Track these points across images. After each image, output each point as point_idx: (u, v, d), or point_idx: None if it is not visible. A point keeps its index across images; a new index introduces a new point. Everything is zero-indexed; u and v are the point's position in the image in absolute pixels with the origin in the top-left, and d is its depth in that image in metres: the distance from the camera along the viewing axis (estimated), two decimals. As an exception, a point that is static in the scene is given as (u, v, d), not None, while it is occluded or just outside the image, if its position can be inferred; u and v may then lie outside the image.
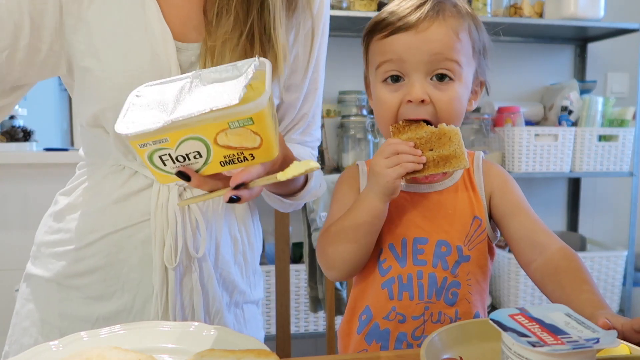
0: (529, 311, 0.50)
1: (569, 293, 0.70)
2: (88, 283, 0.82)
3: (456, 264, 0.77)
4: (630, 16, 2.39)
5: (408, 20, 0.74)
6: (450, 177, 0.81)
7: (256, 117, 0.56)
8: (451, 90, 0.75)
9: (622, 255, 2.19)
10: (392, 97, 0.76)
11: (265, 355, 0.55)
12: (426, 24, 0.74)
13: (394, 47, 0.75)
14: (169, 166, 0.60)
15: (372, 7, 2.01)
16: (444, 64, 0.75)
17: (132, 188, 0.81)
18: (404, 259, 0.78)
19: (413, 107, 0.75)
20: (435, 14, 0.75)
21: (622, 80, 2.51)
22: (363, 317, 0.81)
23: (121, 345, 0.59)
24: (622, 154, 2.19)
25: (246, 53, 0.77)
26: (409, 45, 0.74)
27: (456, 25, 0.75)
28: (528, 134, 2.08)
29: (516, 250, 0.79)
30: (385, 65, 0.77)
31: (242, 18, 0.77)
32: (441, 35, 0.74)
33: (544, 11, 2.18)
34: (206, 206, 0.83)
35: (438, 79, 0.75)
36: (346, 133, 2.07)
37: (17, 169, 1.97)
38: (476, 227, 0.79)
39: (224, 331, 0.63)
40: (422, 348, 0.56)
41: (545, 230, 0.78)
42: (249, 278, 0.91)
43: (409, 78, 0.75)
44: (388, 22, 0.76)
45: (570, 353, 0.43)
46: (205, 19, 0.79)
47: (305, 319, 2.02)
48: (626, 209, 2.32)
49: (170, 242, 0.79)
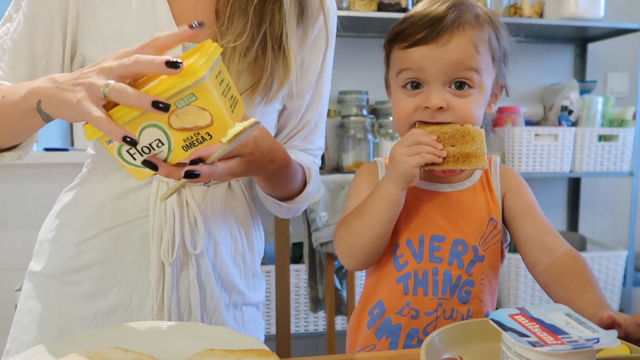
0: (529, 311, 0.50)
1: (572, 293, 0.71)
2: (86, 278, 0.82)
3: (471, 263, 0.79)
4: (630, 16, 2.39)
5: (428, 33, 0.76)
6: (469, 179, 0.83)
7: (198, 91, 0.56)
8: (470, 98, 0.77)
9: (622, 255, 2.19)
10: (409, 103, 0.78)
11: (265, 355, 0.55)
12: (446, 37, 0.75)
13: (413, 58, 0.77)
14: (138, 160, 0.61)
15: (372, 7, 2.01)
16: (463, 73, 0.76)
17: (131, 184, 0.82)
18: (421, 255, 0.79)
19: (430, 114, 0.77)
20: (455, 27, 0.76)
21: (622, 80, 2.51)
22: (375, 312, 0.82)
23: (121, 345, 0.59)
24: (622, 154, 2.19)
25: (257, 59, 0.78)
26: (428, 57, 0.76)
27: (476, 37, 0.76)
28: (528, 134, 2.08)
29: (524, 252, 0.80)
30: (405, 73, 0.78)
31: (255, 23, 0.78)
32: (460, 48, 0.75)
33: (544, 11, 2.17)
34: (205, 204, 0.83)
35: (457, 87, 0.76)
36: (346, 133, 2.07)
37: (17, 169, 1.97)
38: (492, 229, 0.81)
39: (224, 331, 0.63)
40: (422, 348, 0.56)
41: (554, 233, 0.79)
42: (247, 280, 0.91)
43: (428, 86, 0.77)
44: (408, 33, 0.77)
45: (570, 353, 0.43)
46: (217, 20, 0.79)
47: (305, 319, 2.02)
48: (626, 209, 2.32)
49: (167, 238, 0.80)
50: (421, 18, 0.77)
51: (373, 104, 2.18)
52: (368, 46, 2.24)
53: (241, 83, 0.79)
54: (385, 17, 1.96)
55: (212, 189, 0.85)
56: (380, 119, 2.12)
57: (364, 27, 2.15)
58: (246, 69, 0.78)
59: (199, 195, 0.83)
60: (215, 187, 0.85)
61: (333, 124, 2.20)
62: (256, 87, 0.79)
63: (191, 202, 0.82)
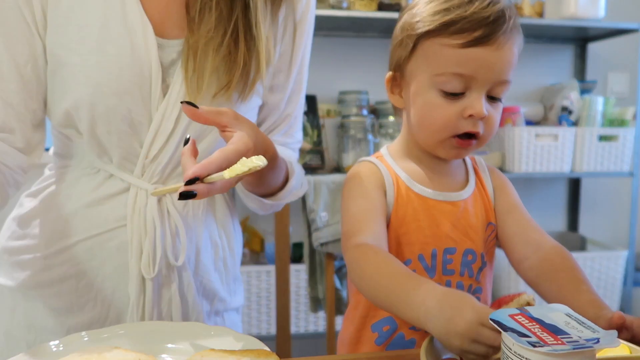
0: (529, 311, 0.50)
1: (566, 294, 0.70)
2: (57, 293, 0.78)
3: (479, 270, 0.78)
4: (630, 16, 2.39)
5: (489, 32, 0.68)
6: (469, 183, 0.81)
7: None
8: (499, 108, 0.74)
9: (622, 255, 2.19)
10: (450, 109, 0.72)
11: (265, 355, 0.55)
12: (504, 38, 0.69)
13: (469, 62, 0.69)
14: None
15: (372, 7, 2.01)
16: (503, 85, 0.72)
17: (107, 192, 0.77)
18: (434, 270, 0.77)
19: (472, 122, 0.72)
20: (509, 30, 0.70)
21: (622, 80, 2.51)
22: (384, 329, 0.79)
23: (121, 346, 0.59)
24: (622, 154, 2.19)
25: (230, 52, 0.74)
26: (486, 61, 0.69)
27: (518, 42, 0.73)
28: (528, 134, 2.08)
29: (509, 248, 0.80)
30: (453, 78, 0.70)
31: (225, 15, 0.74)
32: (510, 54, 0.70)
33: (544, 11, 2.17)
34: (186, 210, 0.80)
35: (491, 97, 0.73)
36: (346, 133, 2.07)
37: (17, 169, 1.97)
38: (490, 232, 0.80)
39: (223, 331, 0.63)
40: (422, 348, 0.56)
41: (538, 229, 0.79)
42: (229, 285, 0.88)
43: (470, 92, 0.71)
44: (463, 28, 0.69)
45: (570, 353, 0.43)
46: (188, 15, 0.75)
47: (305, 319, 2.02)
48: (626, 209, 2.32)
49: (148, 250, 0.75)
50: (476, 12, 0.68)
51: (373, 104, 2.18)
52: (368, 46, 2.24)
53: (217, 81, 0.75)
54: (385, 17, 1.96)
55: None
56: (380, 119, 2.12)
57: (364, 27, 2.15)
58: (220, 65, 0.75)
59: (181, 202, 0.79)
60: None
61: (333, 124, 2.20)
62: (231, 84, 0.75)
63: (172, 210, 0.78)
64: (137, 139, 0.76)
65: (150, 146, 0.75)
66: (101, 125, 0.73)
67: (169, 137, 0.75)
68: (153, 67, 0.73)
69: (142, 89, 0.73)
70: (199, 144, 0.76)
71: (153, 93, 0.74)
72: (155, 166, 0.77)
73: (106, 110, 0.72)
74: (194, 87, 0.74)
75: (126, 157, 0.76)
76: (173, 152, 0.76)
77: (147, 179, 0.77)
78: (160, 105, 0.74)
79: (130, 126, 0.74)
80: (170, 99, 0.74)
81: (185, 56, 0.74)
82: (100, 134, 0.74)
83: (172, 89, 0.74)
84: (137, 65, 0.72)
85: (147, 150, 0.76)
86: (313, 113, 2.13)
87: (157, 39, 0.73)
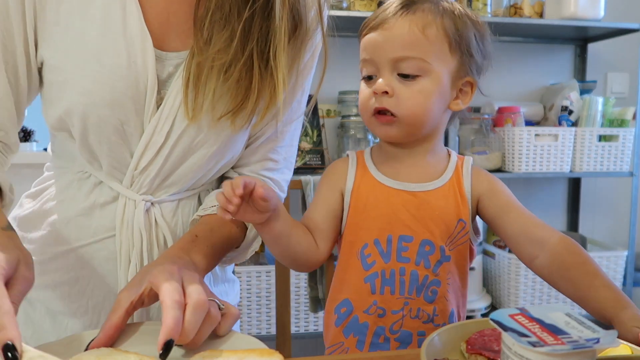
0: (529, 311, 0.50)
1: (582, 294, 0.70)
2: (51, 297, 0.79)
3: (438, 263, 0.78)
4: (630, 16, 2.39)
5: (382, 17, 0.78)
6: (439, 178, 0.81)
7: None
8: (416, 85, 0.76)
9: (622, 255, 2.19)
10: (366, 91, 0.79)
11: (269, 354, 0.55)
12: (392, 21, 0.77)
13: (367, 47, 0.79)
14: None
15: (372, 7, 2.01)
16: (408, 61, 0.76)
17: (96, 200, 0.77)
18: (388, 255, 0.78)
19: (378, 99, 0.77)
20: (403, 12, 0.77)
21: (622, 80, 2.51)
22: (342, 310, 0.81)
23: (122, 346, 0.59)
24: (622, 154, 2.19)
25: (240, 80, 0.71)
26: (378, 43, 0.77)
27: (424, 21, 0.76)
28: (528, 134, 2.08)
29: (515, 248, 0.79)
30: (363, 65, 0.81)
31: (240, 38, 0.69)
32: (404, 31, 0.76)
33: (544, 11, 2.17)
34: (175, 221, 0.80)
35: (404, 76, 0.77)
36: (346, 133, 2.07)
37: (18, 169, 1.96)
38: (460, 229, 0.79)
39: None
40: (422, 348, 0.56)
41: (540, 224, 0.78)
42: (219, 287, 0.88)
43: (378, 74, 0.78)
44: (370, 22, 0.80)
45: (571, 353, 0.43)
46: (195, 27, 0.71)
47: (305, 319, 2.02)
48: (626, 209, 2.32)
49: (135, 262, 0.75)
50: (386, 9, 0.80)
51: (373, 104, 2.18)
52: (368, 46, 2.24)
53: (220, 106, 0.72)
54: (385, 17, 1.96)
55: (183, 204, 0.81)
56: (380, 119, 2.12)
57: (364, 27, 2.15)
58: (227, 90, 0.71)
59: (169, 212, 0.79)
60: (186, 200, 0.81)
61: (333, 124, 2.20)
62: (237, 112, 0.72)
63: (161, 221, 0.78)
64: (127, 149, 0.75)
65: (140, 158, 0.75)
66: (92, 134, 0.73)
67: (159, 149, 0.75)
68: (149, 81, 0.71)
69: (136, 102, 0.72)
70: (189, 159, 0.76)
71: (147, 105, 0.73)
72: (144, 178, 0.76)
73: (98, 121, 0.72)
74: (191, 105, 0.72)
75: (116, 166, 0.76)
76: (162, 165, 0.76)
77: (135, 190, 0.77)
78: (153, 118, 0.73)
79: (121, 137, 0.74)
80: (163, 112, 0.73)
81: (187, 72, 0.71)
82: (92, 142, 0.74)
83: (166, 101, 0.73)
84: (133, 78, 0.70)
85: (136, 162, 0.75)
86: (313, 113, 2.13)
87: (156, 51, 0.71)
